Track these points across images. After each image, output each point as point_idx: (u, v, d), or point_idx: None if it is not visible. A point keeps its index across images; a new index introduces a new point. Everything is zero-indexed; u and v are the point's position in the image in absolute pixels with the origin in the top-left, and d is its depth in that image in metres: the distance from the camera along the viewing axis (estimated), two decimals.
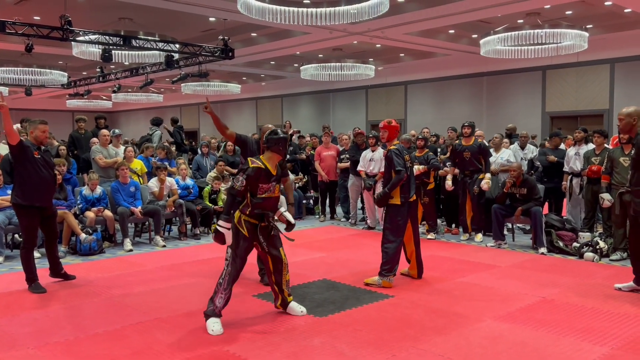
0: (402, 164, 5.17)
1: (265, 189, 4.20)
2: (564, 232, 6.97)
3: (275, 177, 4.29)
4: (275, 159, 4.31)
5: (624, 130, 5.15)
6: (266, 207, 4.26)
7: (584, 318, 4.37)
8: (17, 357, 3.66)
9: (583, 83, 14.64)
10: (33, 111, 22.45)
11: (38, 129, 5.28)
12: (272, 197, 4.27)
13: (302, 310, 4.50)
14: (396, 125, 5.49)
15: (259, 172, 4.16)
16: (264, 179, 4.18)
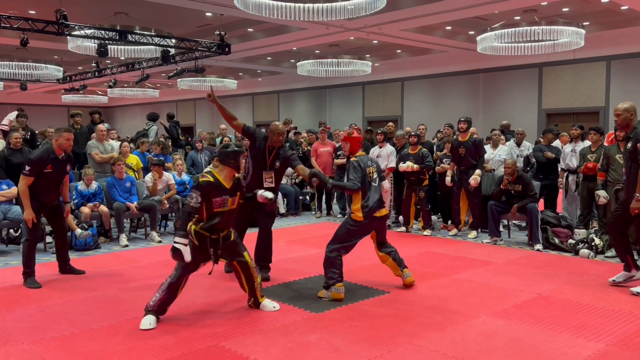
0: (359, 178, 4.81)
1: (219, 203, 4.16)
2: (559, 228, 6.99)
3: (230, 190, 4.23)
4: (229, 173, 4.28)
5: (621, 125, 5.17)
6: (222, 221, 4.21)
7: (579, 314, 4.39)
8: (12, 352, 3.65)
9: (579, 80, 14.66)
10: (28, 105, 22.35)
11: (63, 136, 5.28)
12: (227, 210, 4.22)
13: (275, 306, 4.49)
14: (358, 137, 5.13)
15: (210, 186, 4.14)
16: (215, 194, 4.15)
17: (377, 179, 5.01)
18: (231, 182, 4.28)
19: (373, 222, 4.91)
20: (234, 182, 4.30)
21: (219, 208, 4.17)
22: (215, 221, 4.18)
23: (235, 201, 4.31)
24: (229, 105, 25.85)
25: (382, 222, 5.07)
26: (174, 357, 3.56)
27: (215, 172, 4.28)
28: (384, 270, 5.52)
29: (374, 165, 5.07)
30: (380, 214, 4.94)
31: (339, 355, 3.58)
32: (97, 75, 16.33)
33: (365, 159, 5.00)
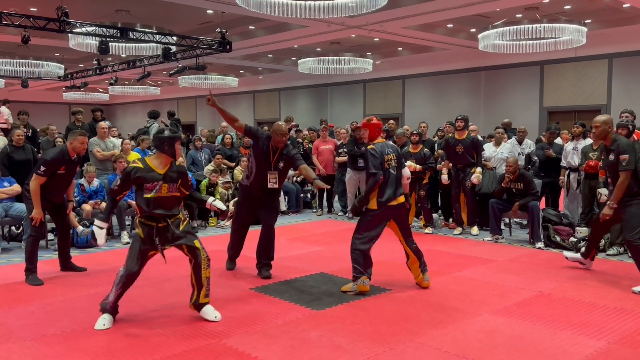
0: (378, 166, 4.73)
1: (150, 189, 4.10)
2: (561, 226, 6.99)
3: (164, 176, 4.14)
4: (164, 159, 4.21)
5: (599, 137, 5.42)
6: (156, 207, 4.11)
7: (580, 312, 4.39)
8: (14, 349, 3.65)
9: (581, 78, 14.64)
10: (29, 103, 22.36)
11: (77, 140, 5.35)
12: (160, 196, 4.12)
13: (217, 316, 4.22)
14: (377, 123, 4.96)
15: (136, 171, 4.09)
16: (144, 179, 4.09)
17: (395, 168, 4.88)
18: (166, 168, 4.19)
19: (388, 211, 4.81)
20: (170, 169, 4.20)
21: (149, 193, 4.09)
22: (150, 208, 4.10)
23: (174, 188, 4.19)
24: (230, 103, 25.77)
25: (400, 210, 4.92)
26: (175, 354, 3.57)
27: (148, 159, 4.24)
28: (385, 268, 5.53)
29: (394, 152, 4.93)
30: (396, 202, 4.82)
31: (341, 353, 3.59)
32: (99, 72, 16.33)
33: (384, 146, 4.87)
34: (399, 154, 5.02)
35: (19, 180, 7.06)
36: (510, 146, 8.50)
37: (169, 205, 4.18)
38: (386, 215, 4.83)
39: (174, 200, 4.23)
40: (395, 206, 4.83)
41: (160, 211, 4.13)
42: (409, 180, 5.16)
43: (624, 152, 5.05)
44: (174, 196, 4.22)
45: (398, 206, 4.87)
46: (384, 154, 4.80)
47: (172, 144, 4.19)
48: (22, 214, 6.70)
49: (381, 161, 4.76)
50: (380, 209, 4.78)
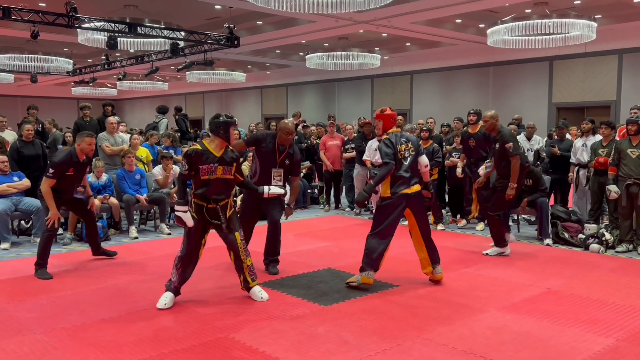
0: (391, 156, 4.74)
1: (206, 170, 4.30)
2: (569, 223, 6.95)
3: (219, 159, 4.35)
4: (219, 143, 4.41)
5: (488, 129, 6.18)
6: (212, 189, 4.34)
7: (589, 309, 4.37)
8: (24, 342, 3.69)
9: (590, 74, 14.53)
10: (38, 98, 22.50)
11: (84, 141, 5.46)
12: (215, 179, 4.34)
13: (263, 297, 4.53)
14: (391, 114, 4.98)
15: (196, 154, 4.31)
16: (202, 161, 4.30)
17: (409, 157, 4.85)
18: (222, 151, 4.39)
19: (402, 199, 4.78)
20: (225, 152, 4.40)
21: (205, 175, 4.30)
22: (205, 189, 4.33)
23: (228, 171, 4.39)
24: (238, 99, 25.80)
25: (416, 199, 4.86)
26: (184, 348, 3.59)
27: (206, 142, 4.43)
28: (393, 264, 5.53)
29: (409, 142, 4.90)
30: (410, 190, 4.79)
31: (348, 348, 3.60)
32: (107, 67, 16.38)
33: (398, 136, 4.87)
34: (417, 143, 5.00)
35: (28, 175, 7.11)
36: (522, 144, 8.45)
37: (222, 188, 4.40)
38: (400, 203, 4.79)
39: (226, 183, 4.42)
40: (409, 195, 4.80)
41: (213, 193, 4.35)
42: (427, 169, 5.11)
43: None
44: (227, 179, 4.41)
45: (413, 195, 4.83)
46: (397, 144, 4.81)
47: (228, 128, 4.38)
48: (31, 209, 6.76)
49: (394, 151, 4.77)
50: (393, 197, 4.78)
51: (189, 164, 4.33)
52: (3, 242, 6.54)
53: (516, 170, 5.86)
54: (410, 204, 4.85)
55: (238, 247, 4.47)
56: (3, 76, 17.85)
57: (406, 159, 4.85)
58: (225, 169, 4.38)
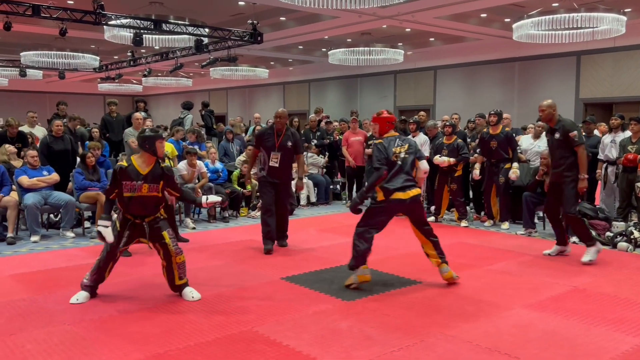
0: (382, 160, 4.63)
1: (128, 187, 4.24)
2: (597, 221, 6.83)
3: (145, 176, 4.25)
4: (147, 158, 4.31)
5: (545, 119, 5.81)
6: (135, 206, 4.28)
7: (616, 308, 4.30)
8: (54, 332, 3.78)
9: (619, 69, 14.22)
10: (66, 94, 22.88)
11: None
12: (138, 195, 4.25)
13: (194, 297, 4.44)
14: (388, 117, 4.87)
15: (122, 171, 4.27)
16: (127, 177, 4.24)
17: (405, 159, 4.72)
18: (149, 168, 4.30)
19: (394, 204, 4.67)
20: (154, 169, 4.31)
21: (128, 192, 4.25)
22: (129, 205, 4.28)
23: (154, 188, 4.30)
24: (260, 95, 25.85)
25: (409, 205, 4.69)
26: (209, 341, 3.64)
27: (134, 158, 4.37)
28: (416, 260, 5.51)
29: (406, 144, 4.78)
30: (402, 195, 4.63)
31: (371, 343, 3.60)
32: (132, 64, 16.59)
33: (393, 139, 4.76)
34: (415, 147, 4.86)
35: (57, 170, 7.26)
36: None
37: (147, 205, 4.32)
38: (393, 208, 4.73)
39: (151, 199, 4.32)
40: (403, 200, 4.65)
41: (136, 210, 4.29)
42: (425, 175, 4.98)
43: None
44: (153, 196, 4.32)
45: (408, 200, 4.67)
46: (391, 148, 4.71)
47: (153, 142, 4.27)
48: (60, 202, 6.90)
49: (386, 156, 4.66)
50: (386, 202, 4.67)
51: (112, 181, 4.33)
52: (33, 235, 6.69)
53: (584, 160, 5.56)
54: (406, 210, 4.75)
55: (168, 246, 4.36)
56: (32, 73, 18.20)
57: (404, 161, 4.71)
58: (151, 187, 4.28)
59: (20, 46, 14.48)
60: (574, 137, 5.48)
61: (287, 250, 6.29)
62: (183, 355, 3.42)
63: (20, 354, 3.43)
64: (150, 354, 3.43)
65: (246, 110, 23.89)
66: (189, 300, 4.41)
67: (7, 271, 5.34)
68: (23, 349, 3.50)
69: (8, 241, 6.54)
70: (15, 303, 4.38)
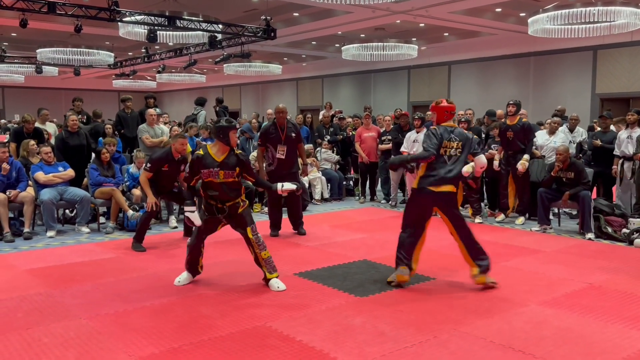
0: (432, 145, 4.54)
1: (207, 174, 4.50)
2: (613, 217, 6.76)
3: (220, 164, 4.50)
4: (221, 147, 4.56)
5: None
6: (217, 191, 4.53)
7: (633, 306, 4.25)
8: (70, 326, 3.82)
9: (637, 63, 14.01)
10: (81, 91, 23.09)
11: (178, 142, 6.22)
12: (217, 182, 4.51)
13: (279, 287, 4.61)
14: (447, 106, 4.71)
15: (198, 159, 4.55)
16: (204, 165, 4.50)
17: (453, 156, 4.59)
18: (224, 156, 4.54)
19: (429, 196, 4.57)
20: (228, 156, 4.55)
21: (207, 178, 4.51)
22: (211, 191, 4.55)
23: (230, 174, 4.53)
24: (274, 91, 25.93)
25: (443, 198, 4.59)
26: (223, 335, 3.66)
27: (209, 146, 4.64)
28: (430, 256, 5.49)
29: (459, 140, 4.63)
30: (440, 188, 4.54)
31: (384, 339, 3.60)
32: (147, 60, 16.71)
33: (448, 131, 4.63)
34: (470, 143, 4.70)
35: (73, 165, 7.33)
36: (565, 136, 8.24)
37: (228, 190, 4.56)
38: (428, 200, 4.61)
39: (227, 185, 4.55)
40: (436, 193, 4.56)
41: (219, 195, 4.54)
42: (482, 169, 4.89)
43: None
44: (230, 182, 4.55)
45: (440, 194, 4.57)
46: (444, 139, 4.58)
47: (227, 133, 4.50)
48: (76, 198, 6.97)
49: (438, 143, 4.55)
50: (420, 192, 4.62)
51: (191, 169, 4.62)
52: (49, 230, 6.77)
53: None
54: (438, 203, 4.63)
55: (251, 242, 4.62)
56: (48, 69, 18.40)
57: (451, 157, 4.60)
58: (227, 173, 4.51)
59: (36, 43, 14.63)
60: None
61: (300, 246, 6.31)
62: (197, 349, 3.44)
63: (37, 347, 3.48)
64: (165, 349, 3.45)
65: (259, 106, 23.93)
66: (274, 291, 4.59)
67: (24, 266, 5.42)
68: (40, 343, 3.55)
69: (25, 236, 6.63)
70: (32, 297, 4.44)
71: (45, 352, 3.42)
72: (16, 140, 7.97)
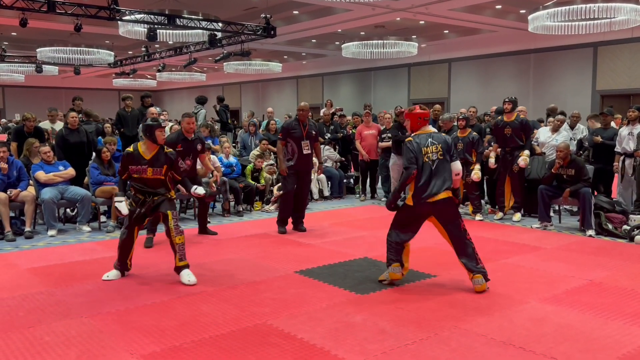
0: (412, 160, 4.42)
1: (134, 170, 4.78)
2: (613, 214, 6.76)
3: (148, 161, 4.76)
4: (149, 145, 4.81)
5: None
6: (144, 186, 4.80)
7: (633, 302, 4.25)
8: (72, 324, 3.83)
9: (637, 60, 14.01)
10: (81, 90, 23.10)
11: (184, 121, 6.39)
12: (144, 177, 4.78)
13: (190, 280, 4.71)
14: (420, 113, 4.59)
15: (128, 155, 4.82)
16: (133, 162, 4.78)
17: (436, 160, 4.48)
18: (152, 153, 4.79)
19: (426, 207, 4.46)
20: (157, 154, 4.80)
21: (134, 174, 4.80)
22: (138, 185, 4.81)
23: (158, 172, 4.79)
24: (274, 89, 25.91)
25: (442, 207, 4.46)
26: (224, 334, 3.67)
27: (139, 145, 4.88)
28: (431, 254, 5.50)
29: (438, 143, 4.51)
30: (435, 198, 4.41)
31: (385, 337, 3.60)
32: (147, 59, 16.70)
33: (424, 138, 4.51)
34: (448, 145, 4.56)
35: (73, 162, 7.34)
36: (567, 133, 8.24)
37: (154, 186, 4.81)
38: (423, 211, 4.50)
39: (156, 182, 4.82)
40: (434, 202, 4.43)
41: (145, 189, 4.79)
42: (458, 176, 4.62)
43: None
44: (157, 179, 4.82)
45: (439, 202, 4.44)
46: (422, 147, 4.47)
47: (152, 131, 4.77)
48: (76, 197, 6.98)
49: (416, 155, 4.44)
50: (416, 206, 4.47)
51: (122, 164, 4.87)
52: (50, 229, 6.78)
53: None
54: (436, 211, 4.49)
55: (169, 225, 4.75)
56: (48, 69, 18.40)
57: (434, 162, 4.47)
58: (155, 170, 4.77)
59: (36, 42, 14.64)
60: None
61: (300, 244, 6.32)
62: (198, 347, 3.45)
63: (39, 346, 3.49)
64: (166, 347, 3.46)
65: (260, 105, 23.94)
66: (185, 283, 4.69)
67: (26, 265, 5.43)
68: (42, 341, 3.56)
69: (26, 235, 6.64)
70: (33, 296, 4.45)
71: (47, 350, 3.43)
72: (17, 139, 7.97)
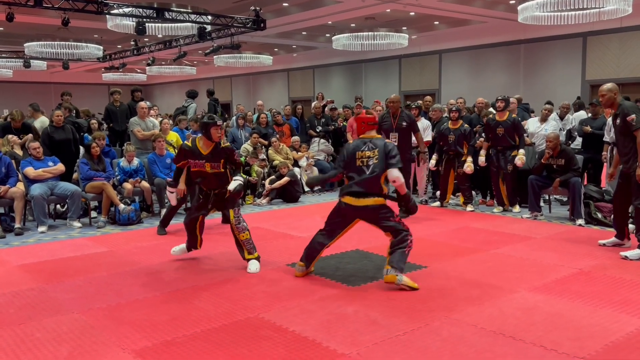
0: (339, 163, 4.61)
1: (194, 165, 4.95)
2: (603, 203, 6.82)
3: (206, 156, 4.89)
4: (206, 141, 4.92)
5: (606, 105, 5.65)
6: (204, 181, 4.98)
7: (622, 290, 4.30)
8: (63, 321, 3.82)
9: (626, 50, 14.07)
10: (71, 84, 22.92)
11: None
12: (202, 171, 4.93)
13: (251, 269, 4.90)
14: (364, 118, 4.65)
15: (186, 150, 5.00)
16: (192, 157, 4.94)
17: (371, 165, 4.43)
18: (209, 149, 4.91)
19: (348, 210, 4.51)
20: (213, 150, 4.90)
21: (194, 168, 4.96)
22: (198, 180, 5.00)
23: (216, 166, 4.91)
24: (265, 82, 25.77)
25: (364, 213, 4.47)
26: (215, 327, 3.67)
27: (197, 140, 4.99)
28: (421, 245, 5.52)
29: (376, 148, 4.46)
30: (353, 201, 4.44)
31: (376, 328, 3.62)
32: (136, 53, 16.59)
33: (361, 142, 4.52)
34: (386, 151, 4.45)
35: (60, 159, 7.30)
36: (555, 124, 8.27)
37: (214, 180, 4.95)
38: (345, 212, 4.56)
39: (212, 176, 4.94)
40: (356, 207, 4.45)
41: (206, 184, 4.97)
42: (396, 183, 4.43)
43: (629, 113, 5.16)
44: (215, 173, 4.92)
45: (362, 208, 4.44)
46: (357, 151, 4.48)
47: (208, 129, 4.84)
48: (66, 193, 6.94)
49: (347, 159, 4.50)
50: (339, 204, 4.62)
51: (176, 156, 5.11)
52: (40, 225, 6.75)
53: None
54: (362, 216, 4.52)
55: (230, 222, 4.95)
56: (36, 64, 18.23)
57: (368, 167, 4.44)
58: (212, 164, 4.90)
59: (24, 37, 14.49)
60: (632, 121, 5.10)
61: (292, 237, 6.32)
62: (191, 342, 3.46)
63: (30, 343, 3.48)
64: (158, 341, 3.46)
65: (251, 98, 23.85)
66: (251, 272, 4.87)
67: (16, 261, 5.40)
68: (32, 338, 3.55)
69: (16, 232, 6.60)
70: (24, 293, 4.44)
71: (39, 347, 3.42)
72: (3, 135, 7.92)
